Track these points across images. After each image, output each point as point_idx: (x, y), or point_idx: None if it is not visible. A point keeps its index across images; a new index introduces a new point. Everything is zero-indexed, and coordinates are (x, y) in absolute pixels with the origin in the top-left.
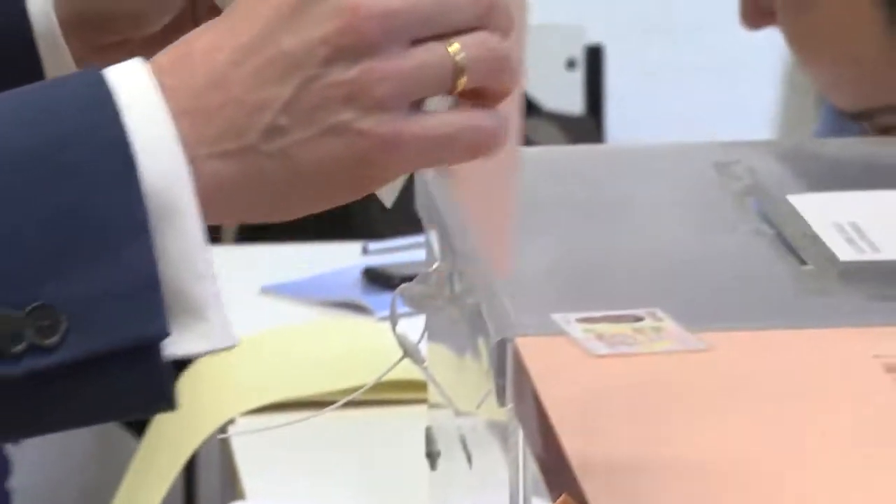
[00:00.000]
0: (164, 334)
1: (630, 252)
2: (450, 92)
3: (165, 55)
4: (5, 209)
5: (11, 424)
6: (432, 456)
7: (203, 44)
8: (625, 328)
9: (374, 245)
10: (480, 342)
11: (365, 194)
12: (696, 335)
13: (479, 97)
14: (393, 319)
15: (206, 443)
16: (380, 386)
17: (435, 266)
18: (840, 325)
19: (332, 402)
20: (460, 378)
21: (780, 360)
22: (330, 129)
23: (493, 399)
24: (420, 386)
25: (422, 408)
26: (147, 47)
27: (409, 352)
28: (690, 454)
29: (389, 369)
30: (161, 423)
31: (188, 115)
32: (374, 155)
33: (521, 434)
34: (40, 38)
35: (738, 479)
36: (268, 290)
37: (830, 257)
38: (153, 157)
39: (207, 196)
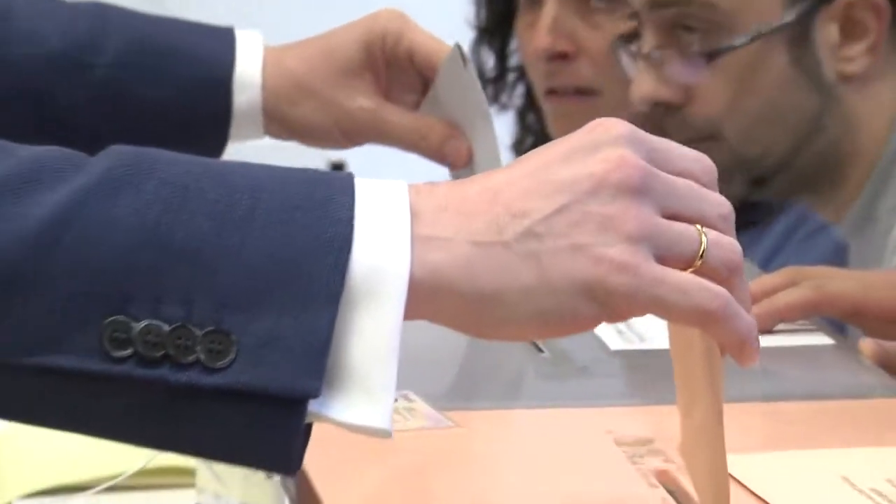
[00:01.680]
0: (315, 394)
1: None
2: (685, 267)
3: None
4: (232, 234)
5: (140, 432)
6: None
7: (482, 175)
8: None
9: None
10: None
11: (581, 328)
12: (445, 414)
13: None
14: None
15: None
16: (149, 471)
17: None
18: (575, 406)
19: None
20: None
21: (524, 435)
22: (579, 246)
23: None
24: (188, 472)
25: (191, 491)
26: None
27: None
28: None
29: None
30: None
31: (453, 210)
32: (610, 278)
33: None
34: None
35: None
36: None
37: (602, 347)
38: (370, 245)
39: (452, 279)
